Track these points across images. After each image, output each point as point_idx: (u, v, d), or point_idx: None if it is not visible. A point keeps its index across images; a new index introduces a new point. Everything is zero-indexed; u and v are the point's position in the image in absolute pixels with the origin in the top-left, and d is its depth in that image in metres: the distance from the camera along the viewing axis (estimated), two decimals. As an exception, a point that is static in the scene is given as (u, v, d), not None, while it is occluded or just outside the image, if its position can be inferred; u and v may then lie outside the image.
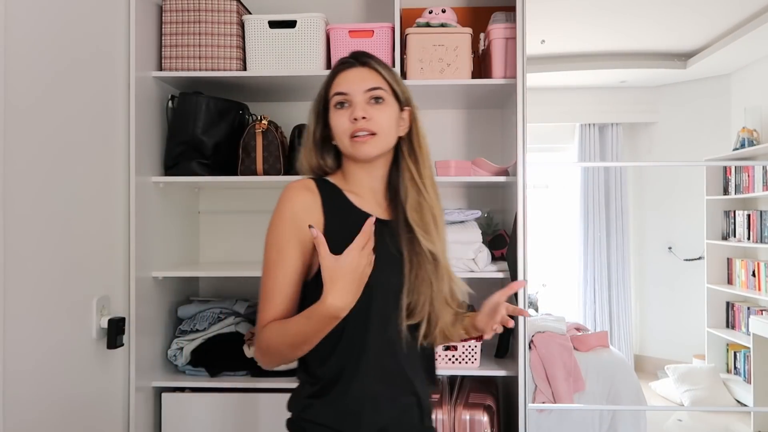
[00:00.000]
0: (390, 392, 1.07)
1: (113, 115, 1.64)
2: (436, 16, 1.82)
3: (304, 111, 2.11)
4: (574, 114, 4.76)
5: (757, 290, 3.80)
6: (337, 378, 1.05)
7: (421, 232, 1.08)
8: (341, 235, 0.98)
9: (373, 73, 1.09)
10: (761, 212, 3.79)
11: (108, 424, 1.61)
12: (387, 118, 1.07)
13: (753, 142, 3.80)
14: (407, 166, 1.11)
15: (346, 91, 1.07)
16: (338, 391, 1.05)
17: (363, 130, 1.05)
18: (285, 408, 1.12)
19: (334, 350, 1.04)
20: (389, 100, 1.08)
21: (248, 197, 2.19)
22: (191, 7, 1.80)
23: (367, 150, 1.06)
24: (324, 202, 1.07)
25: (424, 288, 1.07)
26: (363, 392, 1.04)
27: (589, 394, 2.81)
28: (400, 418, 1.08)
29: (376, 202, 1.13)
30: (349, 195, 1.11)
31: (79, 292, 1.47)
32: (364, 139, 1.05)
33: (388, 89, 1.09)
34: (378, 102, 1.07)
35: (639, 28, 3.62)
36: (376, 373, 1.05)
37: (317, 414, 1.06)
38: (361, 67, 1.09)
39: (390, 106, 1.08)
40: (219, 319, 1.88)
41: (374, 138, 1.05)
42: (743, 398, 3.67)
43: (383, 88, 1.08)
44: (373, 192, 1.13)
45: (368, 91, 1.07)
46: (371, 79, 1.08)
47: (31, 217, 1.29)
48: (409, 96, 1.13)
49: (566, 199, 4.62)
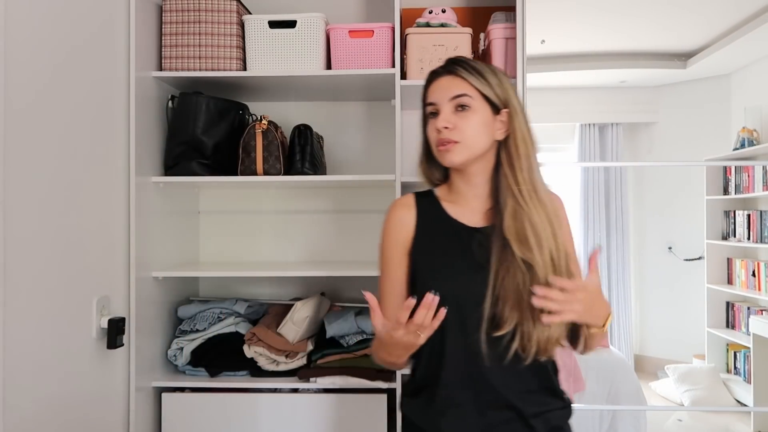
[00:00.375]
0: (477, 403, 1.07)
1: (113, 115, 1.64)
2: (436, 16, 1.82)
3: (304, 111, 2.14)
4: (574, 114, 4.78)
5: (757, 290, 3.81)
6: (426, 383, 1.11)
7: (515, 242, 1.04)
8: (431, 245, 1.10)
9: (458, 81, 1.09)
10: (761, 212, 3.79)
11: (108, 424, 1.61)
12: (472, 125, 1.07)
13: (753, 142, 3.81)
14: (504, 171, 1.10)
15: (434, 101, 1.10)
16: (427, 394, 1.10)
17: (446, 138, 1.07)
18: (285, 408, 1.13)
19: (420, 357, 1.11)
20: (476, 106, 1.08)
21: (248, 197, 2.19)
22: (191, 7, 1.80)
23: (451, 158, 1.08)
24: (419, 215, 1.14)
25: (511, 299, 1.03)
26: (447, 399, 1.07)
27: (589, 394, 2.82)
28: (493, 430, 1.07)
29: (474, 209, 1.14)
30: (446, 204, 1.15)
31: (79, 292, 1.47)
32: (447, 147, 1.07)
33: (476, 94, 1.08)
34: (463, 109, 1.08)
35: (639, 28, 3.63)
36: (459, 381, 1.07)
37: (411, 411, 1.14)
38: (448, 76, 1.10)
39: (476, 112, 1.08)
40: (219, 319, 1.88)
41: (458, 146, 1.07)
42: (743, 398, 3.68)
43: (469, 95, 1.08)
44: (476, 198, 1.14)
45: (452, 99, 1.08)
46: (456, 86, 1.08)
47: (31, 217, 1.29)
48: (507, 97, 1.10)
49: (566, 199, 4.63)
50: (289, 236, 2.18)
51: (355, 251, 2.15)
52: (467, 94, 1.08)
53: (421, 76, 1.80)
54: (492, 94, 1.09)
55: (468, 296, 1.05)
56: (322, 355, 1.79)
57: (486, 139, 1.09)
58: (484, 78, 1.09)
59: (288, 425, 1.76)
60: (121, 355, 1.66)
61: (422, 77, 1.79)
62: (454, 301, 1.03)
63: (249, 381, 1.80)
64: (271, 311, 1.98)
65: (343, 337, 1.79)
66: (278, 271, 1.86)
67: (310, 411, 1.76)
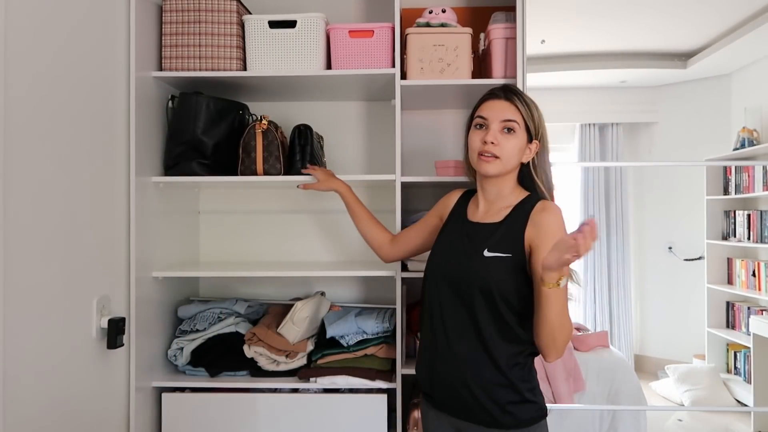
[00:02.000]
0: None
1: (113, 115, 1.64)
2: (436, 16, 1.82)
3: (304, 111, 2.14)
4: (574, 114, 4.78)
5: (757, 290, 3.81)
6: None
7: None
8: (448, 230, 1.42)
9: (512, 107, 1.31)
10: (761, 212, 3.79)
11: (108, 424, 1.61)
12: (512, 147, 1.30)
13: (753, 142, 3.81)
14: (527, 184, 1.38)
15: (486, 116, 1.32)
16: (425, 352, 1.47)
17: (489, 152, 1.29)
18: (285, 408, 1.13)
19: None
20: (519, 132, 1.31)
21: (248, 197, 2.19)
22: (191, 7, 1.80)
23: (488, 168, 1.31)
24: (454, 207, 1.46)
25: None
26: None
27: (589, 394, 2.82)
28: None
29: (486, 210, 1.36)
30: (470, 204, 1.42)
31: (79, 292, 1.47)
32: (488, 159, 1.30)
33: (522, 123, 1.31)
34: (509, 132, 1.30)
35: (639, 28, 3.63)
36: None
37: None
38: (504, 101, 1.32)
39: (518, 137, 1.31)
40: (219, 319, 1.88)
41: (497, 160, 1.30)
42: (743, 398, 3.68)
43: (517, 121, 1.30)
44: (501, 199, 1.35)
45: (503, 121, 1.30)
46: (509, 111, 1.30)
47: (32, 217, 1.29)
48: (542, 132, 1.35)
49: (566, 199, 4.62)
50: (289, 236, 2.18)
51: (355, 251, 2.15)
52: (516, 120, 1.30)
53: (421, 76, 1.81)
54: (532, 127, 1.32)
55: (454, 273, 1.31)
56: (322, 355, 1.79)
57: (517, 161, 1.32)
58: (530, 111, 1.32)
59: (288, 425, 1.76)
60: (121, 355, 1.66)
61: (422, 77, 1.81)
62: (444, 277, 1.32)
63: (249, 381, 1.80)
64: (271, 311, 1.98)
65: (343, 337, 1.79)
66: (278, 271, 1.86)
67: (310, 411, 1.76)
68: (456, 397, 1.29)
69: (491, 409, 1.25)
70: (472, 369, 1.27)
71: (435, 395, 1.35)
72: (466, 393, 1.27)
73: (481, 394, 1.25)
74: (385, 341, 1.81)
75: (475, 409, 1.27)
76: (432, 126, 2.16)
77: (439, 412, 1.34)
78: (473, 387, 1.26)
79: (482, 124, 1.32)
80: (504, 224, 1.30)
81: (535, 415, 1.28)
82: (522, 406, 1.26)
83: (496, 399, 1.25)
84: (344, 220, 2.16)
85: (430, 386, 1.35)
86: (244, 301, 1.98)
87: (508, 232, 1.27)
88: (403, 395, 1.77)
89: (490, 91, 1.36)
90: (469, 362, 1.27)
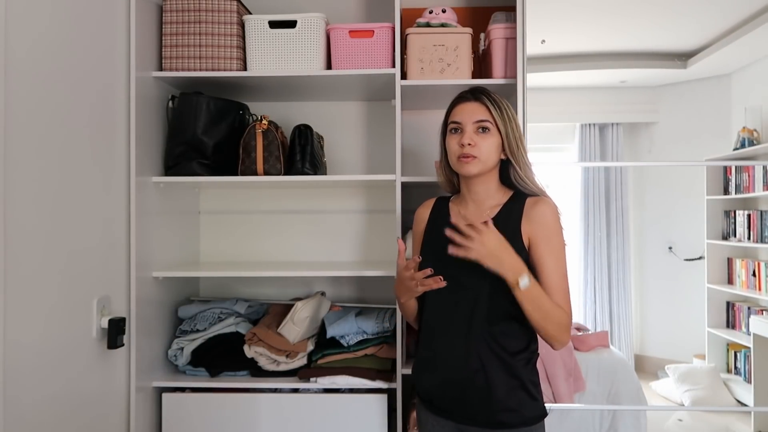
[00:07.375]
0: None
1: (114, 115, 1.64)
2: (437, 16, 1.82)
3: (304, 111, 2.14)
4: (574, 114, 4.78)
5: (758, 290, 3.81)
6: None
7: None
8: (434, 237, 1.38)
9: (482, 107, 1.33)
10: (761, 212, 3.79)
11: (108, 424, 1.61)
12: (489, 145, 1.32)
13: (753, 142, 3.80)
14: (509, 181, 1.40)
15: (460, 120, 1.34)
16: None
17: (468, 153, 1.31)
18: (285, 408, 1.12)
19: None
20: (494, 130, 1.33)
21: (248, 197, 2.19)
22: (191, 7, 1.80)
23: (469, 169, 1.32)
24: (431, 214, 1.45)
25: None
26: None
27: (589, 394, 2.82)
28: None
29: (476, 210, 1.38)
30: (452, 206, 1.43)
31: (79, 292, 1.47)
32: (468, 160, 1.32)
33: (494, 122, 1.33)
34: (484, 131, 1.33)
35: (639, 28, 3.63)
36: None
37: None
38: (474, 102, 1.34)
39: (494, 135, 1.33)
40: (219, 319, 1.88)
41: (476, 160, 1.32)
42: (743, 398, 3.67)
43: (490, 121, 1.32)
44: (489, 198, 1.37)
45: (477, 122, 1.32)
46: (480, 112, 1.33)
47: (32, 217, 1.29)
48: (512, 127, 1.36)
49: (567, 199, 4.62)
50: (290, 236, 2.18)
51: (355, 251, 2.16)
52: (488, 120, 1.32)
53: (422, 76, 1.81)
54: (501, 124, 1.33)
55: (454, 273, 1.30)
56: (322, 355, 1.79)
57: (496, 158, 1.34)
58: (499, 109, 1.33)
59: (288, 425, 1.76)
60: (121, 355, 1.66)
61: (422, 77, 1.81)
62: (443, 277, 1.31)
63: (249, 381, 1.80)
64: (271, 311, 1.98)
65: (344, 337, 1.79)
66: (278, 271, 1.86)
67: (310, 411, 1.76)
68: (459, 400, 1.29)
69: (496, 409, 1.25)
70: (476, 368, 1.26)
71: (435, 400, 1.34)
72: (470, 394, 1.27)
73: (486, 393, 1.25)
74: (385, 341, 1.81)
75: (480, 410, 1.26)
76: (432, 126, 2.15)
77: (441, 418, 1.34)
78: (478, 387, 1.26)
79: (457, 128, 1.34)
80: (498, 221, 1.30)
81: (538, 413, 1.28)
82: (527, 404, 1.26)
83: (500, 398, 1.25)
84: (344, 220, 2.16)
85: (430, 392, 1.35)
86: (244, 301, 1.98)
87: (503, 229, 1.27)
88: (404, 395, 1.77)
89: (459, 95, 1.38)
90: (473, 362, 1.27)
